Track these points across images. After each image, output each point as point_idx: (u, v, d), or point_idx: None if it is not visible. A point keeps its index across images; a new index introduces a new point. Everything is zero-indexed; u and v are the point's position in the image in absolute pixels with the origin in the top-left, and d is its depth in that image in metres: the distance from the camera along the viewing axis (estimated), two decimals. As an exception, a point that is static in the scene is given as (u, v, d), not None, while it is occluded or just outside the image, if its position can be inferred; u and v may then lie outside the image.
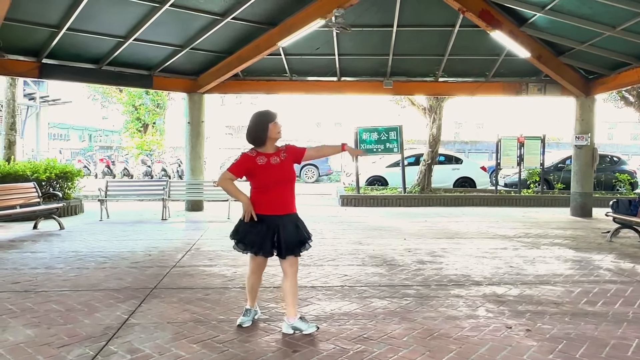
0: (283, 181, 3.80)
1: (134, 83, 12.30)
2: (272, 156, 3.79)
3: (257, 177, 3.77)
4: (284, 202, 3.80)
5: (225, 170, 3.84)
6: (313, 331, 3.81)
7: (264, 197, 3.77)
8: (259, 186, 3.78)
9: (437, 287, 5.25)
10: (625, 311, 4.49)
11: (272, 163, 3.77)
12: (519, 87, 12.36)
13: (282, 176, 3.79)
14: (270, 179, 3.76)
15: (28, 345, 3.52)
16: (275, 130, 3.78)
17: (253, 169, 3.76)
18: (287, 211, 3.81)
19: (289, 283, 3.82)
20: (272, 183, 3.76)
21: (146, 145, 24.20)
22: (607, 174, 16.85)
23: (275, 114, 3.82)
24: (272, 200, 3.77)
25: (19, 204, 8.70)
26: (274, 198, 3.77)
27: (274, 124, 3.77)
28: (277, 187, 3.78)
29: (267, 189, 3.77)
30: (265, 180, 3.76)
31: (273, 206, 3.77)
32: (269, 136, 3.77)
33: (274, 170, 3.76)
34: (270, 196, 3.77)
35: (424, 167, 15.08)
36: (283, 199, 3.80)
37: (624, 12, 8.08)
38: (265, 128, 3.76)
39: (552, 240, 8.24)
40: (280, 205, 3.79)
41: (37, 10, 8.61)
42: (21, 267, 5.93)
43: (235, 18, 9.60)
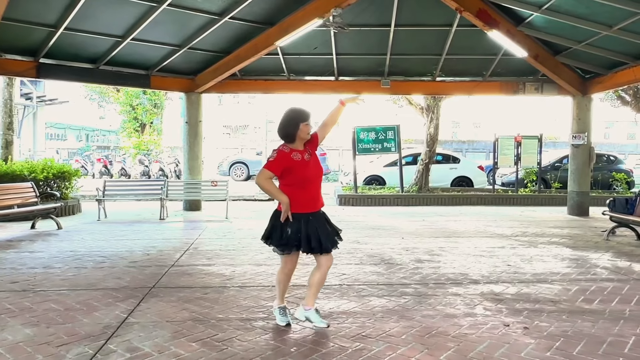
0: (317, 177, 3.83)
1: (132, 83, 12.30)
2: (304, 153, 3.77)
3: (294, 173, 3.71)
4: (318, 198, 3.84)
5: (262, 168, 3.73)
6: (323, 327, 3.84)
7: (301, 194, 3.74)
8: (295, 183, 3.73)
9: (435, 285, 5.27)
10: (622, 309, 4.51)
11: (305, 159, 3.75)
12: (516, 87, 12.40)
13: (317, 172, 3.82)
14: (307, 175, 3.75)
15: (27, 344, 3.53)
16: (306, 131, 3.75)
17: (290, 165, 3.70)
18: (320, 207, 3.86)
19: (320, 275, 3.86)
20: (308, 179, 3.76)
21: (144, 145, 24.16)
22: (604, 173, 16.91)
23: (309, 115, 3.77)
24: (309, 197, 3.77)
25: (17, 204, 8.70)
26: (311, 195, 3.78)
27: (305, 124, 3.74)
28: (313, 183, 3.80)
29: (303, 185, 3.75)
30: (302, 177, 3.73)
31: (310, 203, 3.77)
32: (298, 135, 3.74)
33: (309, 167, 3.75)
34: (308, 193, 3.76)
35: (421, 166, 15.11)
36: (318, 195, 3.84)
37: (620, 12, 8.11)
38: (296, 126, 3.73)
39: (549, 239, 8.27)
40: (316, 202, 3.81)
41: (35, 9, 8.59)
42: (19, 266, 5.93)
43: (233, 17, 9.60)
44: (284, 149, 3.74)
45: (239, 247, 7.27)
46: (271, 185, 3.76)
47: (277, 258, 6.46)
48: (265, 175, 3.71)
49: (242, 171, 22.65)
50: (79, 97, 29.84)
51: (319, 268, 3.85)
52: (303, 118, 3.74)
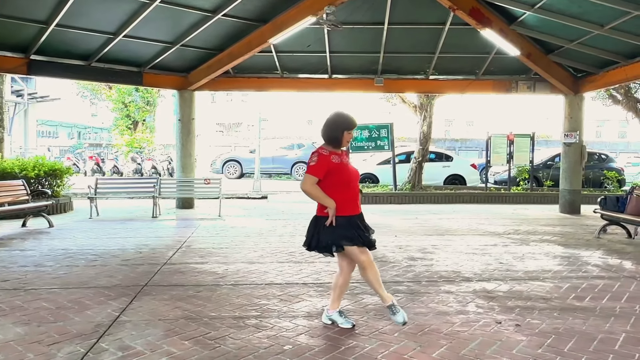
0: (356, 180, 3.88)
1: (124, 80, 12.21)
2: (342, 156, 3.82)
3: (335, 176, 3.70)
4: (358, 201, 3.89)
5: (306, 174, 3.70)
6: (348, 327, 3.87)
7: (344, 197, 3.74)
8: (336, 186, 3.72)
9: (427, 283, 5.28)
10: (612, 306, 4.55)
11: (344, 162, 3.78)
12: (508, 85, 12.45)
13: (356, 175, 3.89)
14: (348, 177, 3.78)
15: (18, 343, 3.50)
16: (347, 139, 3.79)
17: (331, 168, 3.70)
18: (360, 210, 3.92)
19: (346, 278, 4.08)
20: (349, 182, 3.78)
21: (136, 142, 24.05)
22: (596, 171, 17.07)
23: (354, 124, 3.78)
24: (352, 200, 3.81)
25: (7, 202, 8.63)
26: (354, 197, 3.82)
27: (349, 132, 3.76)
28: (355, 186, 3.84)
29: (346, 188, 3.76)
30: (344, 179, 3.75)
31: (354, 206, 3.82)
32: (341, 141, 3.77)
33: (350, 170, 3.81)
34: (350, 195, 3.79)
35: (414, 164, 15.16)
36: (357, 198, 3.88)
37: (612, 11, 8.17)
38: (341, 132, 3.74)
39: (541, 237, 8.32)
40: (358, 204, 3.87)
41: (26, 5, 8.53)
42: (10, 265, 5.88)
43: (226, 15, 9.57)
44: (323, 152, 3.72)
45: (232, 245, 7.26)
46: (318, 191, 3.71)
47: (270, 256, 6.49)
48: (311, 181, 3.69)
49: (235, 169, 22.59)
50: (71, 94, 29.62)
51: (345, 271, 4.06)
52: (348, 126, 3.75)
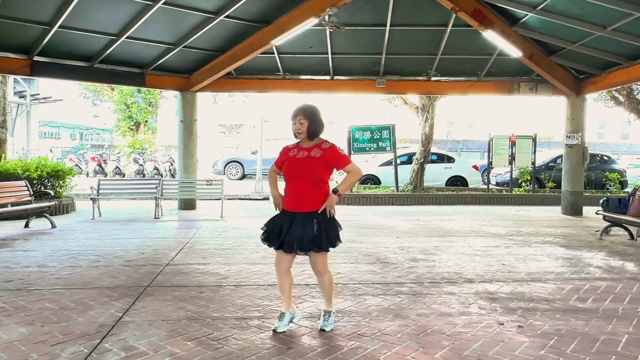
0: (297, 177, 3.70)
1: (127, 81, 12.25)
2: (302, 150, 3.75)
3: (283, 167, 3.80)
4: (297, 200, 3.70)
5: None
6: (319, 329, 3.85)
7: (286, 190, 3.80)
8: (284, 177, 3.82)
9: (430, 284, 5.29)
10: (615, 307, 4.55)
11: (298, 157, 3.73)
12: (510, 87, 12.45)
13: (299, 172, 3.69)
14: (288, 172, 3.74)
15: (22, 343, 3.51)
16: (293, 129, 3.78)
17: (284, 159, 3.80)
18: (300, 210, 3.68)
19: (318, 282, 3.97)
20: (288, 176, 3.75)
21: (138, 143, 24.09)
22: (598, 172, 17.04)
23: (293, 114, 3.76)
24: (289, 196, 3.75)
25: (10, 203, 8.65)
26: (291, 193, 3.73)
27: (293, 123, 3.77)
28: (292, 182, 3.73)
29: (287, 182, 3.79)
30: (285, 173, 3.78)
31: (289, 202, 3.75)
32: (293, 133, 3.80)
33: (295, 165, 3.71)
34: (288, 191, 3.76)
35: (416, 165, 15.15)
36: (298, 197, 3.70)
37: (614, 12, 8.16)
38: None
39: (543, 238, 8.32)
40: (294, 202, 3.72)
41: (29, 7, 8.55)
42: (13, 265, 5.90)
43: (229, 16, 9.59)
44: (291, 144, 3.84)
45: (234, 246, 7.27)
46: (271, 179, 3.96)
47: (272, 257, 6.46)
48: (271, 168, 3.96)
49: (237, 170, 22.61)
50: (73, 95, 29.71)
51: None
52: (290, 117, 3.80)
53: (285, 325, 3.81)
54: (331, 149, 3.73)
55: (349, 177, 3.76)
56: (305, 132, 3.71)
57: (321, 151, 3.71)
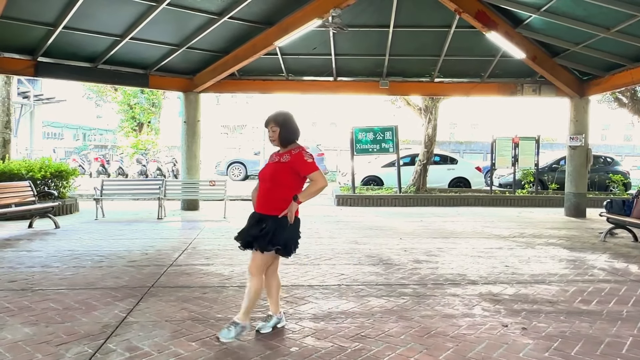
0: (263, 179, 3.81)
1: (130, 82, 12.28)
2: (275, 155, 3.86)
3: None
4: (262, 200, 3.77)
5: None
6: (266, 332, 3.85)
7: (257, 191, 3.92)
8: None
9: (433, 286, 5.28)
10: (619, 310, 4.54)
11: (271, 161, 3.86)
12: (514, 88, 12.43)
13: (264, 175, 3.81)
14: (260, 173, 3.91)
15: (26, 344, 3.52)
16: (268, 136, 3.89)
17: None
18: (264, 211, 3.72)
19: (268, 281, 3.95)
20: (259, 178, 3.89)
21: (141, 144, 24.14)
22: (601, 174, 16.99)
23: (266, 122, 3.83)
24: (256, 196, 3.87)
25: (14, 203, 8.67)
26: (258, 195, 3.85)
27: (267, 130, 3.86)
28: (261, 184, 3.84)
29: (259, 184, 3.90)
30: (258, 175, 3.94)
31: (256, 202, 3.85)
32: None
33: (265, 168, 3.87)
34: (256, 192, 3.89)
35: (419, 167, 15.14)
36: (263, 197, 3.77)
37: (618, 14, 8.15)
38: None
39: (546, 240, 8.30)
40: (260, 202, 3.79)
41: (33, 8, 8.58)
42: (17, 265, 5.92)
43: (232, 17, 9.60)
44: (274, 152, 3.95)
45: (237, 247, 7.25)
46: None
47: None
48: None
49: (240, 171, 22.63)
50: (77, 96, 29.79)
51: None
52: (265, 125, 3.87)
53: (270, 327, 3.87)
54: (297, 155, 3.70)
55: (310, 186, 3.69)
56: (277, 139, 3.78)
57: (290, 156, 3.72)
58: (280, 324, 3.96)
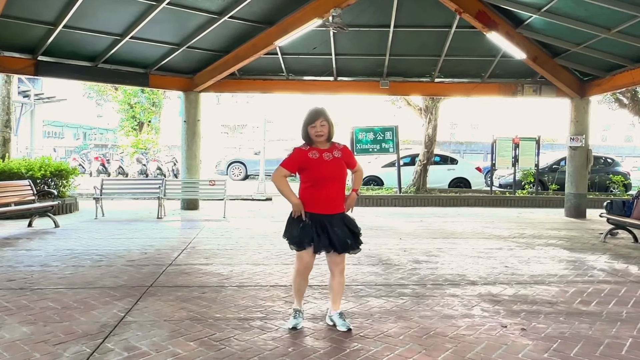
0: (333, 178, 3.72)
1: (130, 81, 12.27)
2: (324, 152, 3.73)
3: (309, 171, 3.71)
4: (333, 201, 3.73)
5: (278, 166, 3.79)
6: (343, 330, 3.82)
7: (315, 193, 3.72)
8: (309, 181, 3.73)
9: (432, 286, 5.27)
10: (619, 311, 4.53)
11: (324, 159, 3.71)
12: (514, 88, 12.42)
13: (334, 174, 3.72)
14: (321, 174, 3.70)
15: (24, 343, 3.52)
16: (312, 133, 3.71)
17: (306, 163, 3.70)
18: (336, 211, 3.76)
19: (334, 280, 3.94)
20: (322, 178, 3.70)
21: (141, 143, 24.13)
22: (601, 175, 16.99)
23: (314, 118, 3.70)
24: (323, 198, 3.71)
25: (14, 202, 8.67)
26: (326, 195, 3.70)
27: (311, 127, 3.71)
28: (328, 183, 3.71)
29: (317, 184, 3.71)
30: (316, 175, 3.70)
31: (323, 204, 3.71)
32: (309, 137, 3.75)
33: (326, 166, 3.69)
34: (322, 193, 3.70)
35: (419, 167, 15.14)
36: (333, 198, 3.73)
37: (618, 15, 8.13)
38: (304, 128, 3.76)
39: (546, 241, 8.29)
40: (330, 204, 3.72)
41: (34, 7, 8.58)
42: (16, 264, 5.91)
43: (233, 17, 9.60)
44: (302, 147, 3.77)
45: (237, 247, 7.27)
46: (284, 185, 3.74)
47: (274, 257, 6.49)
48: (280, 173, 3.74)
49: (240, 170, 22.63)
50: (77, 95, 29.78)
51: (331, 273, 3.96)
52: (308, 121, 3.73)
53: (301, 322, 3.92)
54: (347, 150, 3.88)
55: (359, 177, 4.04)
56: (326, 134, 3.72)
57: (340, 152, 3.79)
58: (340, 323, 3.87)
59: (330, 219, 3.72)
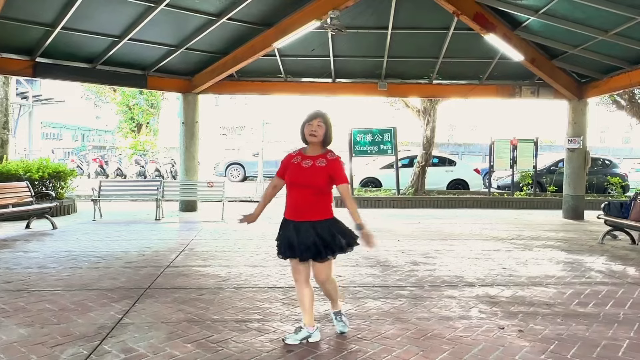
0: (302, 186, 3.58)
1: (129, 83, 12.27)
2: (307, 159, 3.62)
3: (286, 176, 3.68)
4: (300, 209, 3.59)
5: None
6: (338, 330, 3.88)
7: (287, 199, 3.67)
8: (287, 185, 3.71)
9: (430, 288, 5.28)
10: (616, 312, 4.53)
11: (303, 165, 3.60)
12: (512, 90, 12.44)
13: (304, 181, 3.57)
14: (292, 179, 3.62)
15: (21, 345, 3.51)
16: (307, 132, 3.60)
17: (288, 166, 3.69)
18: (304, 219, 3.57)
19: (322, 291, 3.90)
20: (292, 184, 3.63)
21: (140, 145, 24.12)
22: (599, 176, 17.03)
23: (312, 116, 3.62)
24: (291, 204, 3.64)
25: (12, 203, 8.65)
26: (293, 202, 3.62)
27: (308, 124, 3.61)
28: (296, 190, 3.62)
29: (289, 190, 3.67)
30: (288, 181, 3.66)
31: (291, 210, 3.64)
32: (304, 136, 3.65)
33: (299, 173, 3.59)
34: (291, 199, 3.64)
35: (417, 168, 15.14)
36: (300, 206, 3.59)
37: (616, 17, 8.16)
38: (302, 128, 3.67)
39: (544, 242, 8.30)
40: (296, 211, 3.60)
41: (32, 8, 8.56)
42: (14, 266, 5.90)
43: (231, 19, 9.60)
44: (293, 152, 3.75)
45: (235, 249, 7.26)
46: (265, 192, 3.85)
47: (272, 259, 6.48)
48: (271, 182, 3.86)
49: (239, 172, 22.62)
50: (75, 96, 29.76)
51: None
52: (306, 119, 3.65)
53: (297, 340, 3.64)
54: (337, 162, 3.61)
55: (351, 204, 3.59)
56: (321, 136, 3.59)
57: (326, 161, 3.58)
58: (312, 338, 3.69)
59: (299, 226, 3.57)
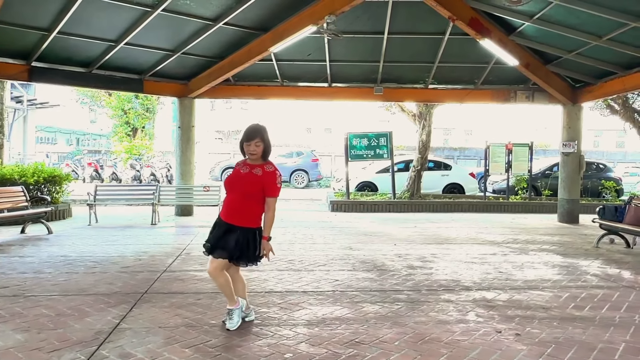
0: (234, 190, 3.87)
1: (125, 87, 12.21)
2: (247, 166, 3.89)
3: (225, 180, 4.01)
4: (230, 211, 3.87)
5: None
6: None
7: (224, 200, 4.01)
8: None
9: (427, 292, 5.29)
10: (612, 316, 4.56)
11: (241, 172, 3.88)
12: (507, 95, 12.51)
13: (236, 186, 3.86)
14: (228, 183, 3.92)
15: (18, 350, 3.49)
16: (247, 151, 3.87)
17: (233, 174, 3.96)
18: (231, 222, 3.85)
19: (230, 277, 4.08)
20: (227, 187, 3.93)
21: (135, 149, 24.04)
22: (594, 181, 17.12)
23: (248, 137, 3.83)
24: (225, 205, 3.93)
25: (7, 208, 8.61)
26: (227, 204, 3.91)
27: (246, 144, 3.85)
28: (229, 194, 3.92)
29: (226, 193, 3.98)
30: (226, 183, 3.95)
31: (224, 211, 3.92)
32: (244, 152, 3.92)
33: (236, 178, 3.88)
34: (225, 201, 3.95)
35: (413, 173, 15.18)
36: (231, 208, 3.87)
37: (609, 22, 8.24)
38: (241, 145, 3.93)
39: (540, 246, 8.33)
40: (227, 213, 3.88)
41: (28, 13, 8.55)
42: (9, 271, 5.87)
43: (227, 23, 9.62)
44: (241, 161, 3.99)
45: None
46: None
47: (269, 264, 6.48)
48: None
49: (234, 176, 22.56)
50: (70, 100, 29.66)
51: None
52: (244, 139, 3.88)
53: (236, 323, 3.96)
54: (272, 174, 3.84)
55: (270, 218, 3.85)
56: (259, 153, 3.85)
57: (262, 172, 3.83)
58: (249, 317, 4.16)
59: (228, 227, 3.85)
